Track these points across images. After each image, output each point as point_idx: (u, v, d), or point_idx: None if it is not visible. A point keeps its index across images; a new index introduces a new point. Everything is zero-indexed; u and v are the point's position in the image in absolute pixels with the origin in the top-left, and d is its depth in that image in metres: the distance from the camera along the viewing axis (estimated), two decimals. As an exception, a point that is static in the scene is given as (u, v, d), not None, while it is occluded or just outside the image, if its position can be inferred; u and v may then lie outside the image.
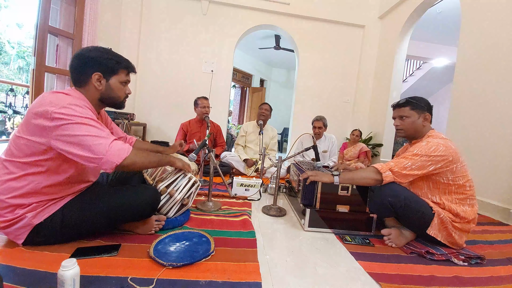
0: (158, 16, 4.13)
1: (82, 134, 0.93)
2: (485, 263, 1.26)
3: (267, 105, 3.05)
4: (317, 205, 1.49)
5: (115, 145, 0.97)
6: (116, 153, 0.96)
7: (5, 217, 0.96)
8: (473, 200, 1.35)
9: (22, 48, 11.83)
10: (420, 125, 1.43)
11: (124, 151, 0.98)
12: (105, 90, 1.10)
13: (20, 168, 0.96)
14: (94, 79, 1.06)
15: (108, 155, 0.94)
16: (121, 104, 1.18)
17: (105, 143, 0.95)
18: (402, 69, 4.17)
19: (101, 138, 0.95)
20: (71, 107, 0.94)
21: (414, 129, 1.44)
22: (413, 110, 1.43)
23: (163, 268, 0.96)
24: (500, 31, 2.31)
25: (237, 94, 8.49)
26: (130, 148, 1.01)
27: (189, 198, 1.40)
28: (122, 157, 0.97)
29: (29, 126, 0.95)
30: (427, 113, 1.42)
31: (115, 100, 1.15)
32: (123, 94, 1.16)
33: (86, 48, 1.09)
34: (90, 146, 0.93)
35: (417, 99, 1.44)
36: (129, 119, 3.42)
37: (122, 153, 0.97)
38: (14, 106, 5.40)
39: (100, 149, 0.94)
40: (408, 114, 1.44)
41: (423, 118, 1.42)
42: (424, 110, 1.42)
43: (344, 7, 4.38)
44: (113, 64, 1.09)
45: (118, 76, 1.12)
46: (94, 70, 1.06)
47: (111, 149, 0.95)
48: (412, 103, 1.43)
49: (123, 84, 1.15)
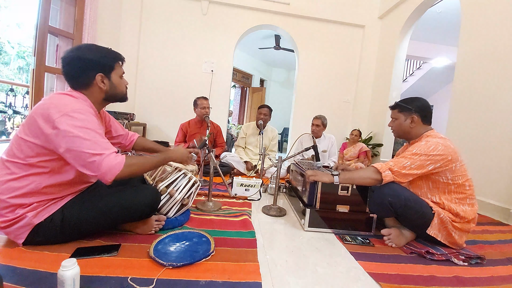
0: (158, 16, 4.13)
1: (78, 150, 0.92)
2: (485, 263, 1.26)
3: (266, 109, 2.99)
4: (317, 205, 1.49)
5: (106, 163, 0.94)
6: (108, 172, 0.95)
7: (6, 216, 0.96)
8: (472, 199, 1.35)
9: (22, 48, 11.81)
10: (407, 127, 1.46)
11: (115, 168, 0.96)
12: (110, 88, 1.11)
13: (22, 169, 0.96)
14: (98, 80, 1.06)
15: (101, 174, 0.94)
16: (124, 97, 1.19)
17: (98, 161, 0.93)
18: (402, 69, 4.17)
19: (94, 156, 0.93)
20: (73, 115, 0.94)
21: (401, 130, 1.49)
22: (400, 113, 1.48)
23: (163, 268, 0.96)
24: (500, 31, 2.31)
25: (237, 94, 8.49)
26: (122, 162, 0.97)
27: (189, 198, 1.40)
28: (114, 174, 0.96)
29: (32, 128, 0.95)
30: (415, 115, 1.43)
31: (120, 95, 1.16)
32: (124, 87, 1.18)
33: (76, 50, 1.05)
34: (84, 163, 0.94)
35: (406, 101, 1.47)
36: (129, 119, 3.42)
37: (113, 171, 0.95)
38: (14, 106, 5.39)
39: (93, 167, 0.94)
40: (396, 116, 1.50)
41: (410, 120, 1.44)
42: (411, 112, 1.43)
43: (344, 7, 4.38)
44: (108, 61, 1.10)
45: (116, 71, 1.12)
46: (96, 72, 1.06)
47: (102, 167, 0.94)
48: (400, 106, 1.48)
49: (121, 77, 1.16)
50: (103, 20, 3.47)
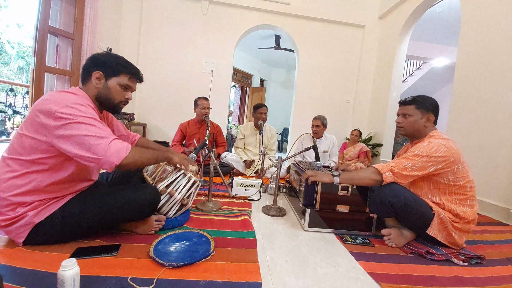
0: (158, 16, 4.13)
1: (82, 134, 0.93)
2: (485, 263, 1.26)
3: (265, 108, 2.98)
4: (317, 205, 1.49)
5: (114, 145, 0.97)
6: (115, 154, 0.96)
7: (7, 215, 0.97)
8: (473, 200, 1.35)
9: (22, 48, 11.82)
10: (422, 126, 1.42)
11: (123, 151, 0.98)
12: (102, 89, 1.11)
13: (23, 166, 0.96)
14: (94, 77, 1.09)
15: (107, 156, 0.94)
16: (115, 107, 1.16)
17: (105, 143, 0.95)
18: (402, 69, 4.17)
19: (101, 138, 0.95)
20: (74, 106, 0.95)
21: (414, 128, 1.43)
22: (417, 109, 1.41)
23: (163, 268, 0.96)
24: (500, 31, 2.31)
25: (237, 94, 8.49)
26: (129, 147, 1.01)
27: (189, 198, 1.40)
28: (121, 157, 0.97)
29: (32, 124, 0.95)
30: (431, 114, 1.40)
31: (110, 102, 1.13)
32: (121, 97, 1.15)
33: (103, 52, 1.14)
34: (90, 146, 0.94)
35: (423, 99, 1.42)
36: (129, 119, 3.43)
37: (121, 153, 0.97)
38: (14, 106, 5.39)
39: (99, 149, 0.94)
40: (412, 112, 1.42)
41: (426, 118, 1.40)
42: (429, 110, 1.40)
43: (344, 7, 4.38)
44: (116, 66, 1.11)
45: (118, 78, 1.12)
46: (96, 69, 1.09)
47: (110, 149, 0.95)
48: (418, 102, 1.41)
49: (123, 87, 1.14)
50: (103, 20, 3.47)
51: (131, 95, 1.19)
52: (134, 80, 1.18)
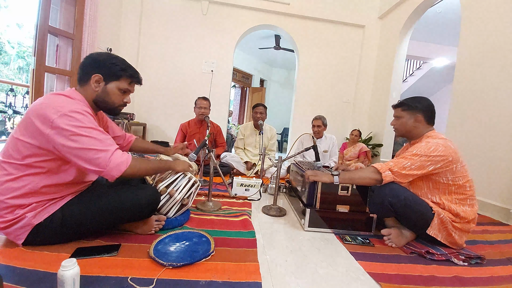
0: (158, 16, 4.14)
1: (81, 148, 0.93)
2: (485, 263, 1.26)
3: (262, 107, 2.97)
4: (317, 205, 1.49)
5: (114, 159, 0.97)
6: (115, 168, 0.97)
7: (5, 217, 0.96)
8: (473, 200, 1.35)
9: (22, 48, 11.81)
10: (411, 126, 1.45)
11: (123, 164, 0.98)
12: (101, 92, 1.09)
13: (18, 170, 0.95)
14: (93, 80, 1.07)
15: (108, 169, 0.95)
16: (114, 110, 1.15)
17: (105, 157, 0.95)
18: (402, 69, 4.18)
19: (100, 152, 0.95)
20: (72, 115, 0.93)
21: (406, 129, 1.48)
22: (404, 111, 1.46)
23: (163, 268, 0.96)
24: (500, 31, 2.31)
25: (237, 94, 8.49)
26: (129, 159, 1.01)
27: (189, 198, 1.40)
28: (121, 170, 0.98)
29: (27, 128, 0.94)
30: (419, 115, 1.43)
31: (109, 105, 1.13)
32: (120, 101, 1.14)
33: (101, 51, 1.11)
34: (90, 159, 0.94)
35: (411, 100, 1.46)
36: (129, 119, 3.43)
37: (121, 167, 0.98)
38: (14, 106, 5.39)
39: (99, 162, 0.95)
40: (400, 114, 1.48)
41: (414, 119, 1.44)
42: (416, 111, 1.43)
43: (344, 7, 4.38)
44: (117, 70, 1.09)
45: (118, 82, 1.11)
46: (95, 72, 1.06)
47: (110, 163, 0.95)
48: (404, 105, 1.46)
49: (122, 91, 1.13)
50: (103, 20, 3.47)
51: (129, 98, 1.19)
52: (134, 84, 1.17)
